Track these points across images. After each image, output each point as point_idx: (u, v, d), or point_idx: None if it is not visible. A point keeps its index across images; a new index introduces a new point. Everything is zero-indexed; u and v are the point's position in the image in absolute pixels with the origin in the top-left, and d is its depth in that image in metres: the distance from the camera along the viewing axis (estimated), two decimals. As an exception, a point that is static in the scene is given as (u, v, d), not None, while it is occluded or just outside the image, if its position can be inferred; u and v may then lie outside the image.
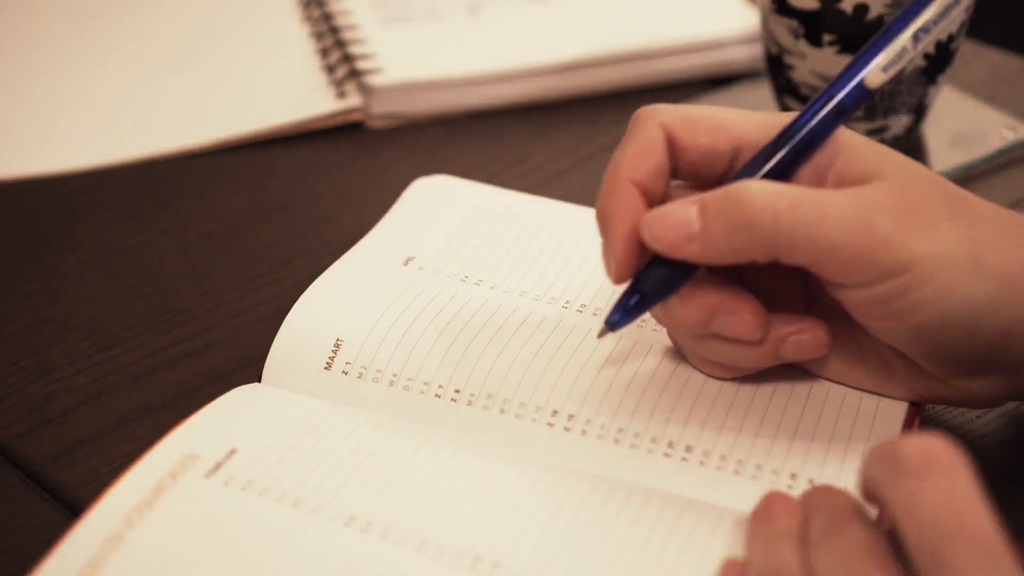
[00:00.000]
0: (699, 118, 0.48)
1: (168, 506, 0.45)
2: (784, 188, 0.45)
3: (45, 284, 0.62)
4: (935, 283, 0.44)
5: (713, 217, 0.45)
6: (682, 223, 0.45)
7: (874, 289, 0.45)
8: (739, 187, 0.45)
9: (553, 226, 0.60)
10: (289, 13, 0.83)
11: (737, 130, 0.48)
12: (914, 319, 0.45)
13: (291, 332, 0.54)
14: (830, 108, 0.47)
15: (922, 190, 0.46)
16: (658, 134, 0.48)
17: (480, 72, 0.74)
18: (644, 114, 0.49)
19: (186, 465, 0.46)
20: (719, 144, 0.48)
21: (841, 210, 0.44)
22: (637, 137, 0.48)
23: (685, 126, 0.48)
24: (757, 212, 0.44)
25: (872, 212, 0.44)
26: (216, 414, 0.50)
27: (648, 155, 0.48)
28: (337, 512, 0.45)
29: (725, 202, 0.45)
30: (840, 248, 0.44)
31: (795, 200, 0.44)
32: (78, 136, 0.73)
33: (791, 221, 0.44)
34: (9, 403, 0.55)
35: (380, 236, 0.60)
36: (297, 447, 0.48)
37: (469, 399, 0.51)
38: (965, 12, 0.64)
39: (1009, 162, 0.69)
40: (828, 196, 0.45)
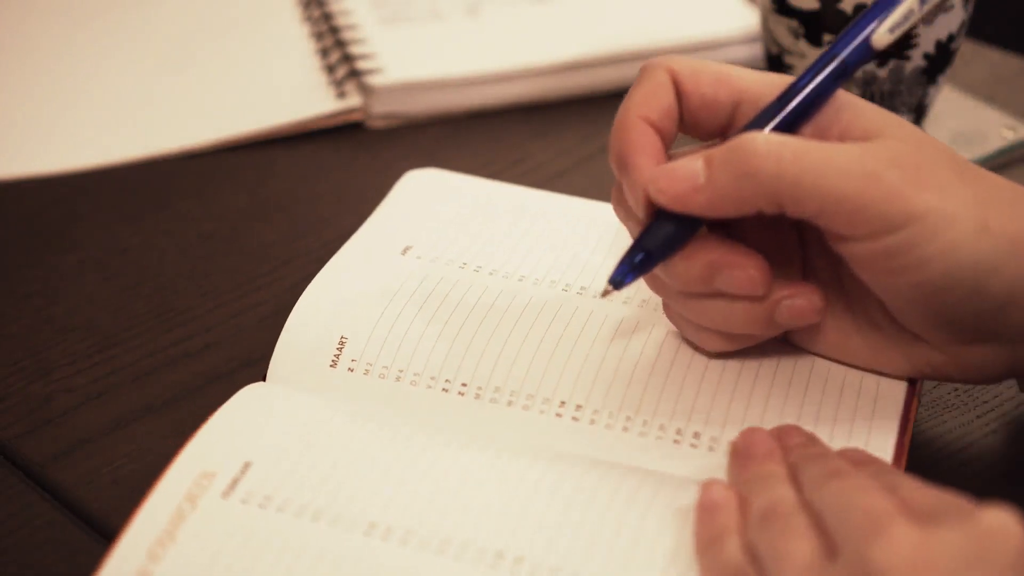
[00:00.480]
0: (704, 68, 0.49)
1: (190, 535, 0.45)
2: (790, 138, 0.46)
3: (45, 284, 0.62)
4: (941, 239, 0.44)
5: (719, 167, 0.46)
6: (689, 175, 0.46)
7: (879, 242, 0.45)
8: (744, 138, 0.45)
9: (547, 213, 0.60)
10: (289, 13, 0.83)
11: (740, 84, 0.49)
12: (919, 275, 0.45)
13: (295, 330, 0.54)
14: (834, 66, 0.48)
15: (929, 151, 0.46)
16: (666, 78, 0.49)
17: (480, 72, 0.74)
18: (653, 62, 0.50)
19: (203, 486, 0.46)
20: (721, 95, 0.49)
21: (848, 160, 0.45)
22: (646, 81, 0.49)
23: (691, 74, 0.49)
24: (762, 160, 0.45)
25: (879, 165, 0.45)
26: (226, 423, 0.49)
27: (657, 96, 0.49)
28: (356, 520, 0.45)
29: (731, 151, 0.46)
30: (846, 198, 0.44)
31: (800, 149, 0.45)
32: (78, 136, 0.73)
33: (797, 169, 0.44)
34: (9, 403, 0.55)
35: (375, 227, 0.60)
36: (310, 453, 0.48)
37: (477, 392, 0.51)
38: (965, 12, 0.64)
39: (1009, 162, 0.69)
40: (834, 147, 0.45)
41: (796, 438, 0.47)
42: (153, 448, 0.53)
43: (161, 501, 0.46)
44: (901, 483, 0.42)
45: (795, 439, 0.47)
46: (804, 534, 0.41)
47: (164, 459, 0.51)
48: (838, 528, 0.40)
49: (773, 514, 0.42)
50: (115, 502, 0.50)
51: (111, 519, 0.49)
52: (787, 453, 0.46)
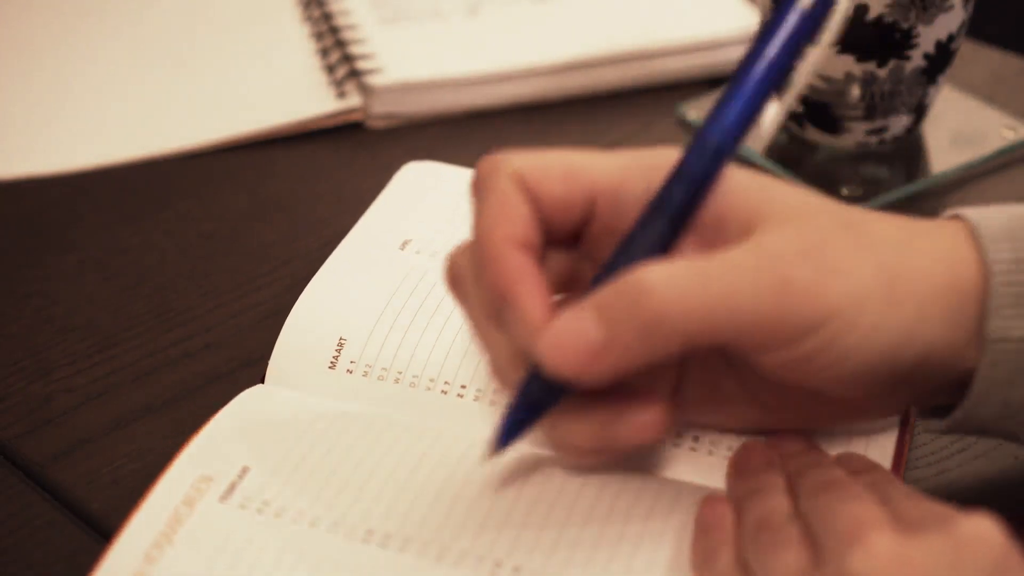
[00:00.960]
0: (551, 163, 0.44)
1: (187, 538, 0.45)
2: (683, 268, 0.40)
3: (45, 284, 0.62)
4: (858, 328, 0.42)
5: (616, 322, 0.40)
6: (583, 339, 0.40)
7: (797, 348, 0.42)
8: (636, 280, 0.40)
9: None
10: (289, 13, 0.83)
11: (591, 175, 0.44)
12: (838, 369, 0.43)
13: (294, 332, 0.54)
14: (711, 150, 0.43)
15: (821, 222, 0.43)
16: (511, 185, 0.43)
17: (480, 72, 0.74)
18: (489, 167, 0.44)
19: (200, 490, 0.46)
20: (573, 192, 0.43)
21: (752, 274, 0.41)
22: (492, 194, 0.43)
23: (536, 172, 0.43)
24: (665, 305, 0.40)
25: (783, 266, 0.41)
26: (225, 427, 0.49)
27: (512, 208, 0.43)
28: (355, 527, 0.45)
29: (623, 298, 0.40)
30: (762, 317, 0.41)
31: (701, 277, 0.40)
32: (78, 136, 0.73)
33: (704, 305, 0.40)
34: (9, 403, 0.55)
35: (374, 220, 0.60)
36: (308, 458, 0.48)
37: (476, 395, 0.51)
38: (965, 12, 0.64)
39: (1009, 162, 0.69)
40: (732, 262, 0.41)
41: (796, 445, 0.47)
42: (153, 448, 0.53)
43: (159, 504, 0.46)
44: (895, 493, 0.42)
45: (795, 446, 0.47)
46: (793, 545, 0.40)
47: (164, 459, 0.51)
48: (824, 538, 0.40)
49: (765, 526, 0.42)
50: (115, 502, 0.50)
51: (111, 519, 0.49)
52: (786, 462, 0.46)
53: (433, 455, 0.48)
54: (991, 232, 0.44)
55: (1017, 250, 0.44)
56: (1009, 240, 0.44)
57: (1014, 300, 0.43)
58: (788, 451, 0.46)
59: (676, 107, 0.73)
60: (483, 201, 0.43)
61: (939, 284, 0.43)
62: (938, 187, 0.67)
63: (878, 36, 0.63)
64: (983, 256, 0.43)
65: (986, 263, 0.43)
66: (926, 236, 0.44)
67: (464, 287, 0.45)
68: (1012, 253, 0.44)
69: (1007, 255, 0.43)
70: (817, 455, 0.46)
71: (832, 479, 0.43)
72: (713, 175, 0.42)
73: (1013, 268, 0.43)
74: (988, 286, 0.43)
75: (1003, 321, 0.43)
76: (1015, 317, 0.43)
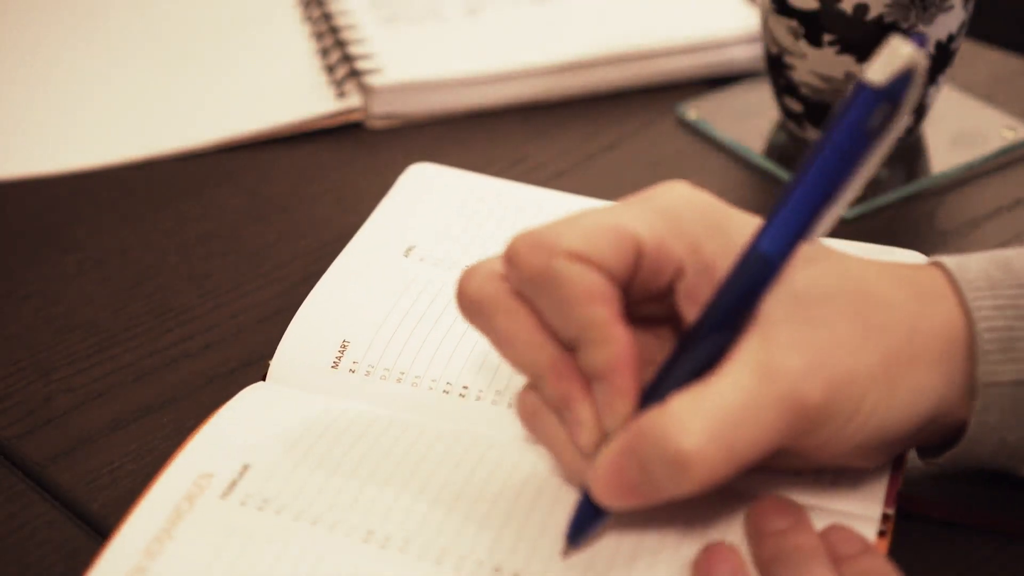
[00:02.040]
0: (591, 231, 0.44)
1: (187, 533, 0.45)
2: (701, 412, 0.41)
3: (45, 284, 0.62)
4: (860, 415, 0.43)
5: (645, 468, 0.42)
6: (622, 479, 0.42)
7: (800, 445, 0.43)
8: (661, 431, 0.41)
9: (549, 212, 0.60)
10: (289, 13, 0.83)
11: (633, 235, 0.44)
12: (839, 449, 0.44)
13: (297, 334, 0.54)
14: (761, 263, 0.43)
15: (828, 315, 0.43)
16: (579, 268, 0.43)
17: (480, 72, 0.74)
18: (539, 257, 0.43)
19: (201, 486, 0.46)
20: (624, 257, 0.44)
21: (764, 403, 0.41)
22: (565, 284, 0.43)
23: (588, 247, 0.43)
24: (688, 457, 0.41)
25: (793, 387, 0.42)
26: (226, 423, 0.49)
27: (597, 291, 0.43)
28: (355, 526, 0.45)
29: (651, 446, 0.41)
30: (778, 439, 0.42)
31: (718, 423, 0.41)
32: (78, 136, 0.73)
33: (724, 448, 0.41)
34: (9, 403, 0.55)
35: (379, 225, 0.60)
36: (309, 456, 0.48)
37: (478, 395, 0.51)
38: (965, 12, 0.64)
39: (1009, 162, 0.69)
40: (742, 390, 0.41)
41: (780, 522, 0.45)
42: (153, 448, 0.53)
43: (159, 499, 0.46)
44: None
45: (778, 523, 0.45)
46: None
47: (164, 459, 0.51)
48: None
49: None
50: (115, 502, 0.50)
51: (111, 519, 0.49)
52: (763, 541, 0.44)
53: (434, 455, 0.48)
54: (970, 278, 0.45)
55: (997, 296, 0.44)
56: (989, 287, 0.44)
57: (999, 346, 0.44)
58: (771, 529, 0.44)
59: (676, 107, 0.73)
60: (559, 290, 0.43)
61: (935, 348, 0.44)
62: (938, 187, 0.67)
63: (878, 36, 0.63)
64: (965, 303, 0.44)
65: (968, 311, 0.44)
66: (925, 299, 0.44)
67: (543, 418, 0.46)
68: (992, 299, 0.44)
69: (988, 302, 0.44)
70: (799, 537, 0.44)
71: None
72: (761, 291, 0.43)
73: (995, 315, 0.44)
74: (972, 333, 0.44)
75: (990, 367, 0.44)
76: (1002, 362, 0.44)
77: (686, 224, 0.44)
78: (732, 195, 0.48)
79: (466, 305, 0.46)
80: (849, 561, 0.43)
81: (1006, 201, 0.66)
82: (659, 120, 0.73)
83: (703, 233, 0.44)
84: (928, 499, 0.48)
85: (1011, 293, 0.44)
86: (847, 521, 0.45)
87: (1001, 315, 0.44)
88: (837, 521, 0.45)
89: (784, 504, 0.45)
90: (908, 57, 0.40)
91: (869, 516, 0.46)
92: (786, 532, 0.44)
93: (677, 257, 0.44)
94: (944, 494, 0.48)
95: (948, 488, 0.49)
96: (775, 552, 0.43)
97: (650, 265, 0.44)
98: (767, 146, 0.70)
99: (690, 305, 0.44)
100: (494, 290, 0.45)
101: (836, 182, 0.41)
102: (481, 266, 0.46)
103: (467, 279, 0.46)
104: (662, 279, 0.44)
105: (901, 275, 0.45)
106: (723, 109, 0.73)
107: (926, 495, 0.48)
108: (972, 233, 0.64)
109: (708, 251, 0.44)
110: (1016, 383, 0.44)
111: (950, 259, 0.46)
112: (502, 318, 0.45)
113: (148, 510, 0.46)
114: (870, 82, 0.40)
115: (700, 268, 0.44)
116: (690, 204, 0.45)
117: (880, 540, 0.45)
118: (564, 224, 0.44)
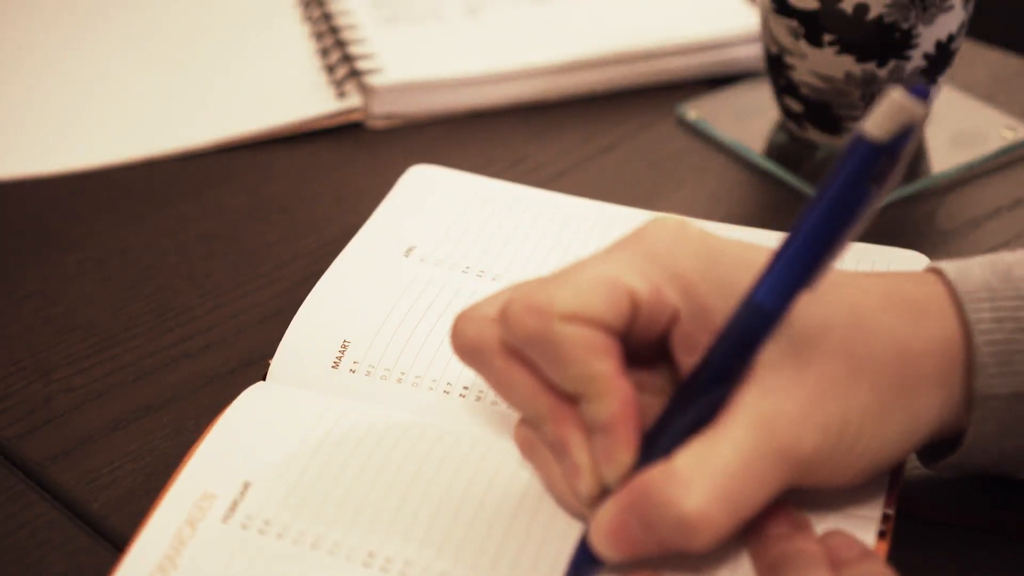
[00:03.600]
0: (585, 291, 0.44)
1: (191, 561, 0.44)
2: (707, 480, 0.41)
3: (45, 284, 0.62)
4: (857, 447, 0.43)
5: (647, 525, 0.42)
6: (623, 534, 0.42)
7: (808, 481, 0.44)
8: (659, 491, 0.41)
9: (549, 213, 0.60)
10: (289, 13, 0.83)
11: (628, 291, 0.44)
12: (837, 480, 0.44)
13: (299, 332, 0.54)
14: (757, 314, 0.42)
15: (818, 361, 0.43)
16: (577, 329, 0.43)
17: (480, 72, 0.74)
18: (536, 321, 0.43)
19: (203, 509, 0.46)
20: (620, 312, 0.44)
21: (758, 459, 0.42)
22: (565, 345, 0.43)
23: (583, 307, 0.43)
24: (688, 517, 0.41)
25: (786, 440, 0.42)
26: (226, 435, 0.49)
27: (598, 348, 0.43)
28: (356, 548, 0.45)
29: (651, 505, 0.42)
30: (774, 492, 0.43)
31: (714, 483, 0.41)
32: (78, 136, 0.73)
33: (734, 514, 0.42)
34: (9, 403, 0.55)
35: (379, 225, 0.60)
36: (309, 468, 0.47)
37: (478, 395, 0.51)
38: (965, 12, 0.64)
39: (1009, 162, 0.68)
40: (746, 453, 0.42)
41: (781, 527, 0.44)
42: (153, 448, 0.53)
43: (163, 523, 0.46)
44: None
45: (779, 529, 0.44)
46: None
47: (164, 459, 0.51)
48: None
49: None
50: (115, 502, 0.50)
51: (111, 519, 0.49)
52: (764, 547, 0.44)
53: (434, 459, 0.48)
54: (970, 289, 0.45)
55: (997, 308, 0.44)
56: (989, 299, 0.44)
57: (997, 359, 0.44)
58: (772, 534, 0.44)
59: (676, 107, 0.73)
60: (557, 350, 0.43)
61: (932, 368, 0.44)
62: (938, 187, 0.67)
63: (878, 36, 0.63)
64: (964, 316, 0.44)
65: (967, 323, 0.44)
66: (920, 318, 0.44)
67: (540, 452, 0.46)
68: (992, 312, 0.44)
69: (987, 315, 0.44)
70: (800, 542, 0.44)
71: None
72: (758, 342, 0.42)
73: (994, 327, 0.44)
74: (971, 345, 0.44)
75: (988, 380, 0.44)
76: (1000, 375, 0.44)
77: (679, 267, 0.44)
78: (732, 195, 0.48)
79: (462, 350, 0.46)
80: (849, 566, 0.43)
81: (1006, 201, 0.66)
82: (659, 120, 0.73)
83: (697, 274, 0.44)
84: (928, 500, 0.48)
85: (1011, 304, 0.44)
86: (848, 521, 0.45)
87: (1000, 328, 0.44)
88: (838, 522, 0.45)
89: (785, 510, 0.45)
90: (910, 113, 0.39)
91: (869, 516, 0.46)
92: (787, 537, 0.44)
93: (672, 304, 0.44)
94: (944, 494, 0.48)
95: (948, 488, 0.49)
96: (776, 557, 0.43)
97: (647, 315, 0.44)
98: (767, 146, 0.70)
99: (686, 350, 0.44)
100: (491, 336, 0.45)
101: (834, 234, 0.41)
102: (476, 310, 0.46)
103: (463, 323, 0.46)
104: (658, 326, 0.44)
105: (896, 291, 0.45)
106: (723, 109, 0.73)
107: (926, 496, 0.48)
108: (972, 233, 0.64)
109: (702, 292, 0.44)
110: (1013, 395, 0.44)
111: (951, 266, 0.46)
112: (500, 365, 0.45)
113: (152, 535, 0.45)
114: (870, 136, 0.40)
115: (695, 312, 0.44)
116: (682, 244, 0.45)
117: (880, 540, 0.45)
118: (557, 283, 0.44)
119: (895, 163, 0.40)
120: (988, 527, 0.48)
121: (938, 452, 0.47)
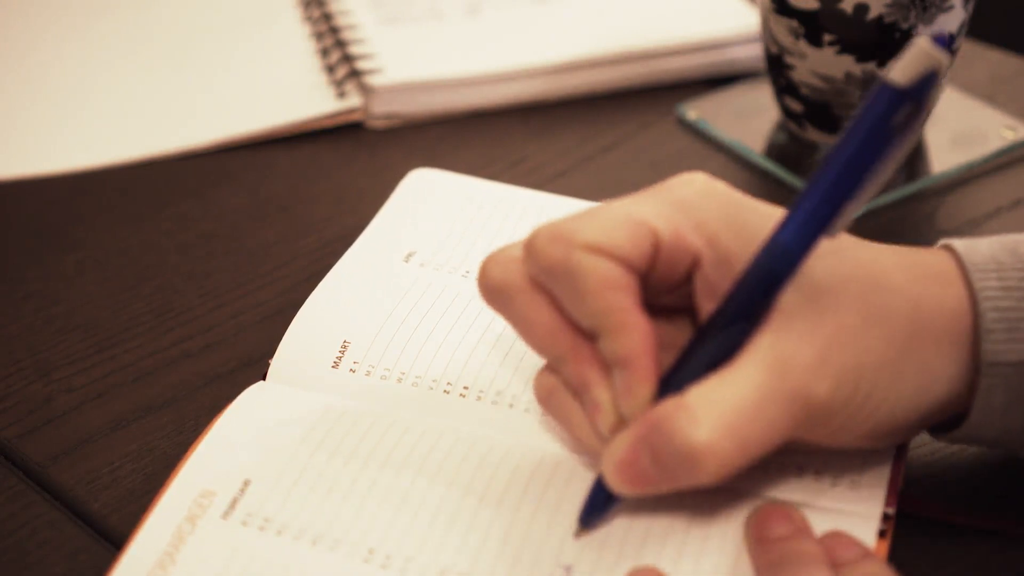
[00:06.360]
0: (609, 224, 0.44)
1: (190, 557, 0.45)
2: (716, 414, 0.42)
3: (45, 284, 0.62)
4: (871, 403, 0.43)
5: (660, 460, 0.43)
6: (636, 468, 0.43)
7: (822, 430, 0.44)
8: (673, 427, 0.42)
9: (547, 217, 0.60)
10: (289, 13, 0.83)
11: (650, 228, 0.44)
12: (848, 436, 0.44)
13: (299, 332, 0.54)
14: (780, 257, 0.43)
15: (834, 307, 0.43)
16: (598, 260, 0.44)
17: (480, 72, 0.74)
18: (558, 249, 0.44)
19: (202, 506, 0.46)
20: (642, 249, 0.44)
21: (772, 399, 0.42)
22: (584, 274, 0.44)
23: (607, 239, 0.44)
24: (701, 452, 0.42)
25: (799, 383, 0.42)
26: (226, 433, 0.49)
27: (616, 280, 0.44)
28: (356, 545, 0.45)
29: (664, 440, 0.42)
30: (785, 433, 0.43)
31: (729, 418, 0.42)
32: (78, 136, 0.73)
33: (742, 451, 0.42)
34: (9, 403, 0.55)
35: (379, 230, 0.60)
36: (309, 466, 0.47)
37: (478, 395, 0.51)
38: (965, 12, 0.64)
39: (1009, 162, 0.69)
40: (758, 391, 0.42)
41: (781, 528, 0.45)
42: (153, 448, 0.53)
43: (162, 520, 0.46)
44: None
45: (779, 530, 0.45)
46: None
47: (164, 459, 0.51)
48: None
49: None
50: (115, 502, 0.50)
51: (111, 519, 0.49)
52: (765, 548, 0.44)
53: (435, 458, 0.48)
54: (977, 261, 0.45)
55: (1004, 278, 0.45)
56: (996, 269, 0.45)
57: (1004, 326, 0.44)
58: (772, 535, 0.45)
59: (676, 107, 0.73)
60: (578, 280, 0.44)
61: (941, 327, 0.44)
62: (938, 187, 0.67)
63: (878, 36, 0.63)
64: (971, 284, 0.45)
65: (974, 291, 0.44)
66: (931, 281, 0.45)
67: (560, 397, 0.46)
68: (999, 281, 0.45)
69: (994, 283, 0.45)
70: (801, 544, 0.44)
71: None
72: (780, 283, 0.43)
73: (1001, 295, 0.44)
74: (977, 312, 0.44)
75: (994, 346, 0.44)
76: (1007, 342, 0.44)
77: (704, 216, 0.45)
78: (732, 195, 0.48)
79: (487, 290, 0.46)
80: (849, 567, 0.43)
81: (1006, 201, 0.66)
82: (659, 120, 0.73)
83: (721, 225, 0.45)
84: (928, 499, 0.48)
85: (1018, 275, 0.45)
86: (848, 521, 0.45)
87: (1007, 296, 0.44)
88: (838, 521, 0.45)
89: (785, 511, 0.45)
90: (933, 58, 0.40)
91: (869, 516, 0.46)
92: (787, 538, 0.44)
93: (694, 249, 0.45)
94: (944, 494, 0.48)
95: (948, 488, 0.49)
96: (776, 558, 0.43)
97: (668, 257, 0.44)
98: (767, 146, 0.70)
99: (707, 297, 0.45)
100: (515, 276, 0.46)
101: (858, 178, 0.42)
102: (503, 252, 0.46)
103: (489, 265, 0.46)
104: (679, 270, 0.45)
105: (910, 258, 0.46)
106: (723, 109, 0.73)
107: (926, 495, 0.48)
108: (972, 233, 0.64)
109: (725, 243, 0.45)
110: (1021, 363, 0.44)
111: (960, 242, 0.47)
112: (522, 304, 0.45)
113: (152, 531, 0.45)
114: (894, 82, 0.40)
115: (717, 260, 0.45)
116: (708, 196, 0.46)
117: (880, 540, 0.45)
118: (582, 217, 0.45)
119: (920, 109, 0.41)
120: (988, 527, 0.48)
121: (947, 427, 0.47)
